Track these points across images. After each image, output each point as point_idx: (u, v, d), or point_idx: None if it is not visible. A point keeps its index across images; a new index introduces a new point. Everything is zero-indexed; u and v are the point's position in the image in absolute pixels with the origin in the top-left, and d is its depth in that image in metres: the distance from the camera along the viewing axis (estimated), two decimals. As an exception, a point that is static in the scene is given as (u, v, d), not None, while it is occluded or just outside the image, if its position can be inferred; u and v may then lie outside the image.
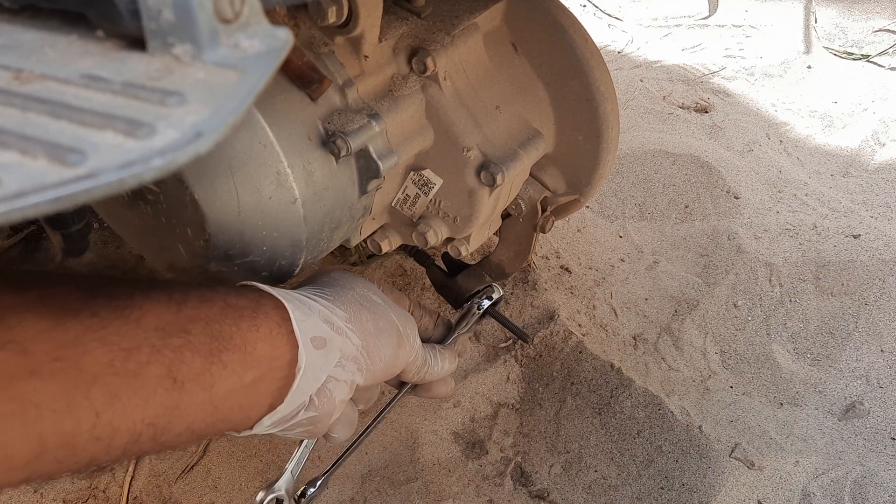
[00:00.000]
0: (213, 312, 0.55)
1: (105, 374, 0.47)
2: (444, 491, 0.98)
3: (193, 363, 0.52)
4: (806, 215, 1.37)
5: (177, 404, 0.51)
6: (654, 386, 1.08)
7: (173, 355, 0.51)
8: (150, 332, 0.51)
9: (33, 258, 1.29)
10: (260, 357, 0.56)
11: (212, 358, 0.53)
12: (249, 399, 0.56)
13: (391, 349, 0.67)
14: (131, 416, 0.49)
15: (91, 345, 0.48)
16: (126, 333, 0.49)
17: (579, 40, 0.77)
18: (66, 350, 0.46)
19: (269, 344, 0.56)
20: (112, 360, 0.48)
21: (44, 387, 0.45)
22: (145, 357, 0.49)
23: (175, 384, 0.51)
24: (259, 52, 0.35)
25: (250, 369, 0.55)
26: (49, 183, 0.27)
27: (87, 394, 0.46)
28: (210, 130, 0.30)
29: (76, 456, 0.47)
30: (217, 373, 0.53)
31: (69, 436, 0.46)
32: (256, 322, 0.56)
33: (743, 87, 1.78)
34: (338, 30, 0.66)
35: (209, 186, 0.61)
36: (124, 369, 0.48)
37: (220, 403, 0.54)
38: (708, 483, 0.96)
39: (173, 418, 0.51)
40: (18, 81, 0.33)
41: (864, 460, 1.00)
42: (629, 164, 1.45)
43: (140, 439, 0.50)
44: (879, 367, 1.12)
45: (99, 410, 0.47)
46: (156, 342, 0.50)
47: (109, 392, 0.47)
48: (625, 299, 1.23)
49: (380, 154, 0.69)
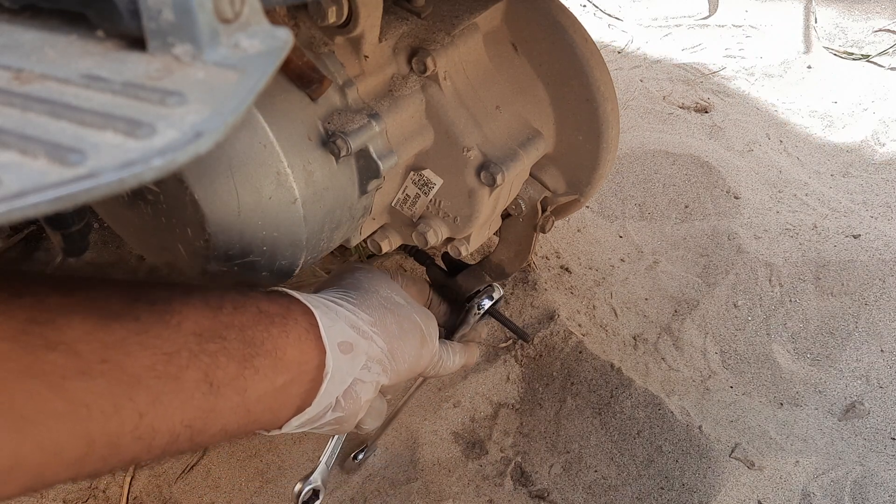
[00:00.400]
0: (246, 319, 0.57)
1: (148, 376, 0.49)
2: (444, 491, 0.98)
3: (228, 368, 0.54)
4: (806, 215, 1.37)
5: (213, 407, 0.53)
6: (654, 386, 1.08)
7: (210, 360, 0.53)
8: (188, 337, 0.52)
9: (33, 258, 1.29)
10: (290, 362, 0.58)
11: (245, 363, 0.55)
12: (279, 402, 0.58)
13: (415, 350, 0.69)
14: (171, 417, 0.50)
15: (134, 348, 0.49)
16: (167, 338, 0.51)
17: (579, 40, 0.77)
18: (112, 352, 0.48)
19: (298, 349, 0.59)
20: (154, 363, 0.49)
21: (93, 387, 0.46)
22: (185, 361, 0.51)
23: (212, 388, 0.53)
24: (259, 52, 0.35)
25: (281, 374, 0.57)
26: (49, 183, 0.27)
27: (132, 395, 0.48)
28: (210, 130, 0.30)
29: (120, 455, 0.49)
30: (250, 377, 0.55)
31: (114, 435, 0.48)
32: (286, 328, 0.58)
33: (743, 87, 1.78)
34: (338, 30, 0.66)
35: (209, 186, 0.61)
36: (166, 373, 0.50)
37: (252, 406, 0.56)
38: (708, 483, 0.96)
39: (209, 420, 0.53)
40: (18, 81, 0.33)
41: (864, 460, 1.00)
42: (629, 164, 1.45)
43: (178, 440, 0.52)
44: (879, 367, 1.12)
45: (142, 412, 0.49)
46: (194, 347, 0.52)
47: (152, 394, 0.49)
48: (625, 299, 1.23)
49: (380, 154, 0.69)
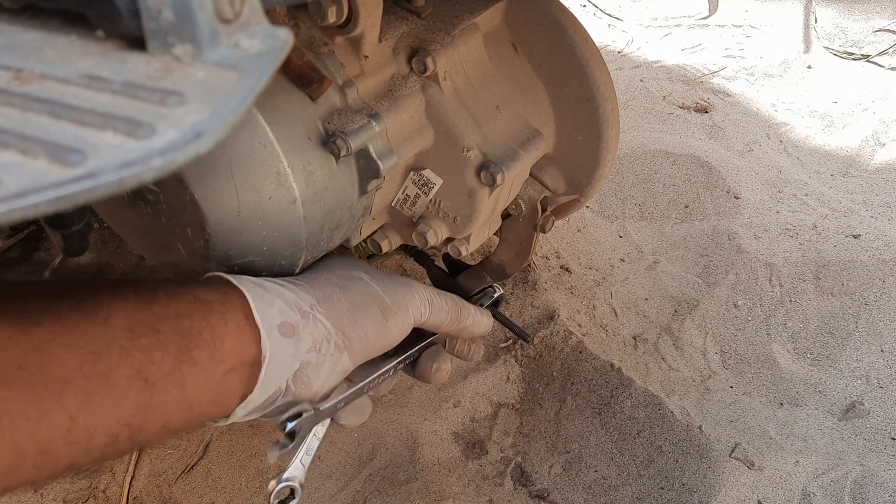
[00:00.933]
0: (181, 308, 0.55)
1: (75, 378, 0.47)
2: (444, 491, 0.98)
3: (164, 363, 0.52)
4: (806, 215, 1.37)
5: (149, 404, 0.51)
6: (654, 386, 1.08)
7: (143, 356, 0.51)
8: (118, 333, 0.50)
9: (33, 258, 1.29)
10: (229, 350, 0.56)
11: (182, 356, 0.53)
12: (222, 392, 0.56)
13: (375, 324, 0.65)
14: (106, 418, 0.49)
15: (57, 350, 0.47)
16: (94, 336, 0.49)
17: (579, 40, 0.77)
18: (32, 356, 0.46)
19: (236, 338, 0.56)
20: (81, 363, 0.48)
21: (13, 395, 0.44)
22: (115, 359, 0.49)
23: (146, 384, 0.51)
24: (259, 52, 0.35)
25: (220, 363, 0.55)
26: (49, 183, 0.27)
27: (59, 399, 0.46)
28: (210, 130, 0.30)
29: (55, 462, 0.47)
30: (188, 371, 0.53)
31: (45, 442, 0.46)
32: (225, 316, 0.56)
33: (743, 87, 1.78)
34: (338, 30, 0.66)
35: (209, 186, 0.61)
36: (94, 372, 0.48)
37: (193, 400, 0.54)
38: (708, 483, 0.96)
39: (148, 418, 0.51)
40: (18, 81, 0.33)
41: (864, 460, 1.00)
42: (629, 164, 1.45)
43: (117, 440, 0.50)
44: (879, 367, 1.12)
45: (73, 415, 0.47)
46: (124, 343, 0.50)
47: (81, 396, 0.47)
48: (625, 299, 1.23)
49: (380, 154, 0.69)
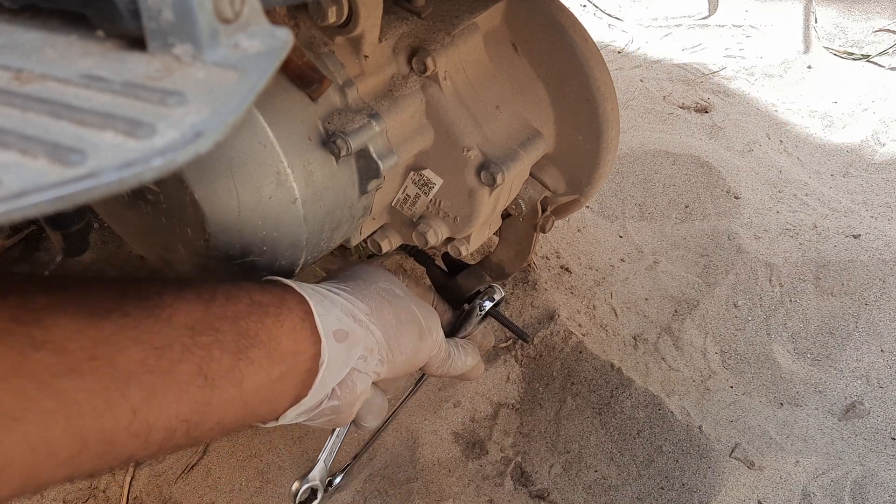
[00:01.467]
0: (239, 310, 0.56)
1: (140, 371, 0.48)
2: (444, 491, 0.98)
3: (223, 360, 0.53)
4: (806, 215, 1.37)
5: (208, 400, 0.52)
6: (654, 386, 1.08)
7: (203, 353, 0.52)
8: (180, 331, 0.52)
9: (33, 258, 1.29)
10: (285, 352, 0.57)
11: (239, 355, 0.54)
12: (276, 393, 0.58)
13: (413, 342, 0.68)
14: (166, 412, 0.50)
15: (125, 343, 0.48)
16: (158, 332, 0.51)
17: (579, 40, 0.77)
18: (102, 348, 0.47)
19: (293, 339, 0.58)
20: (146, 358, 0.49)
21: (83, 385, 0.46)
22: (178, 355, 0.51)
23: (206, 381, 0.52)
24: (259, 52, 0.35)
25: (276, 364, 0.56)
26: (49, 183, 0.27)
27: (125, 391, 0.48)
28: (210, 130, 0.30)
29: (115, 452, 0.48)
30: (245, 369, 0.54)
31: (108, 432, 0.47)
32: (281, 318, 0.58)
33: (743, 87, 1.78)
34: (338, 30, 0.66)
35: (209, 186, 0.61)
36: (158, 367, 0.49)
37: (249, 398, 0.55)
38: (708, 483, 0.96)
39: (205, 414, 0.53)
40: (18, 81, 0.33)
41: (865, 460, 1.00)
42: (629, 164, 1.45)
43: (175, 435, 0.51)
44: (879, 367, 1.12)
45: (136, 407, 0.48)
46: (186, 340, 0.52)
47: (145, 389, 0.49)
48: (625, 299, 1.23)
49: (380, 154, 0.69)
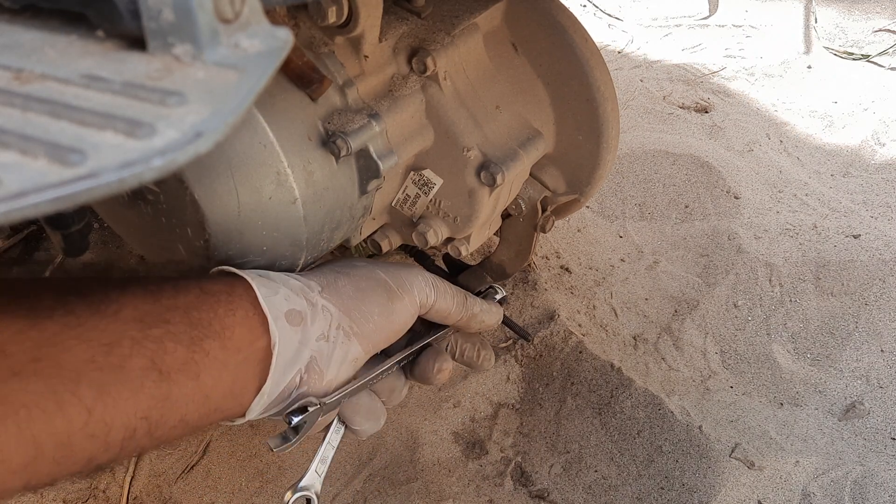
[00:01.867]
0: (189, 300, 0.54)
1: (88, 369, 0.47)
2: (444, 491, 0.98)
3: (176, 353, 0.51)
4: (806, 215, 1.37)
5: (167, 395, 0.51)
6: (654, 386, 1.08)
7: (155, 346, 0.50)
8: (129, 325, 0.50)
9: (33, 258, 1.29)
10: (239, 341, 0.55)
11: (193, 346, 0.53)
12: (237, 384, 0.56)
13: (380, 306, 0.65)
14: (123, 410, 0.48)
15: (70, 342, 0.47)
16: (104, 328, 0.49)
17: (579, 40, 0.77)
18: (45, 349, 0.46)
19: (246, 327, 0.56)
20: (93, 355, 0.47)
21: (28, 387, 0.44)
22: (127, 350, 0.49)
23: (161, 375, 0.50)
24: (259, 52, 0.35)
25: (232, 354, 0.55)
26: (49, 183, 0.27)
27: (75, 391, 0.46)
28: (210, 130, 0.30)
29: (73, 456, 0.47)
30: (201, 361, 0.53)
31: (63, 435, 0.45)
32: (232, 306, 0.56)
33: (743, 87, 1.78)
34: (338, 30, 0.66)
35: (209, 186, 0.61)
36: (107, 363, 0.48)
37: (209, 392, 0.54)
38: (708, 483, 0.96)
39: (166, 410, 0.51)
40: (18, 81, 0.33)
41: (865, 460, 1.00)
42: (629, 164, 1.45)
43: (136, 434, 0.50)
44: (879, 367, 1.12)
45: (90, 406, 0.46)
46: (135, 334, 0.50)
47: (97, 387, 0.47)
48: (625, 299, 1.23)
49: (380, 154, 0.69)
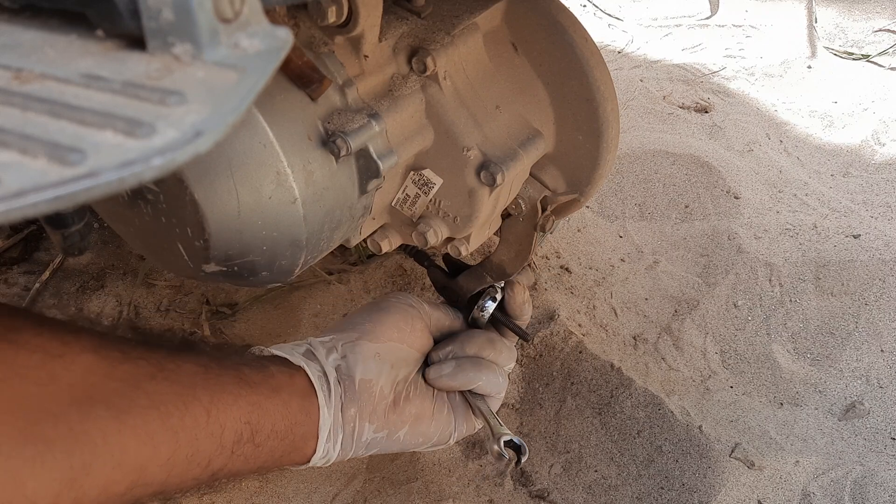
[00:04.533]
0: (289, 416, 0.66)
1: (199, 380, 0.57)
2: (444, 491, 0.98)
3: (253, 376, 0.63)
4: (806, 215, 1.37)
5: (259, 404, 0.61)
6: (654, 386, 1.08)
7: (235, 372, 0.62)
8: (209, 360, 0.62)
9: (33, 258, 1.29)
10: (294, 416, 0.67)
11: (265, 372, 0.65)
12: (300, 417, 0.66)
13: (410, 334, 0.77)
14: (230, 413, 0.58)
15: (178, 361, 0.57)
16: (194, 360, 0.60)
17: (579, 40, 0.77)
18: (166, 362, 0.56)
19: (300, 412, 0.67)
20: (196, 372, 0.58)
21: (163, 388, 0.53)
22: (216, 371, 0.60)
23: (250, 387, 0.61)
24: (259, 52, 0.35)
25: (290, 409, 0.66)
26: (49, 182, 0.27)
27: (195, 395, 0.55)
28: (210, 130, 0.30)
29: (199, 454, 0.55)
30: (273, 383, 0.65)
31: (191, 430, 0.54)
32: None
33: (743, 87, 1.78)
34: (338, 30, 0.66)
35: (209, 186, 0.61)
36: (210, 377, 0.58)
37: (286, 404, 0.64)
38: (708, 483, 0.96)
39: (260, 416, 0.61)
40: (18, 81, 0.33)
41: (865, 460, 1.00)
42: (629, 164, 1.45)
43: (242, 438, 0.59)
44: (879, 367, 1.12)
45: (207, 408, 0.56)
46: (215, 367, 0.61)
47: (209, 393, 0.56)
48: (625, 299, 1.23)
49: (380, 154, 0.69)
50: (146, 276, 1.23)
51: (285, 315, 1.18)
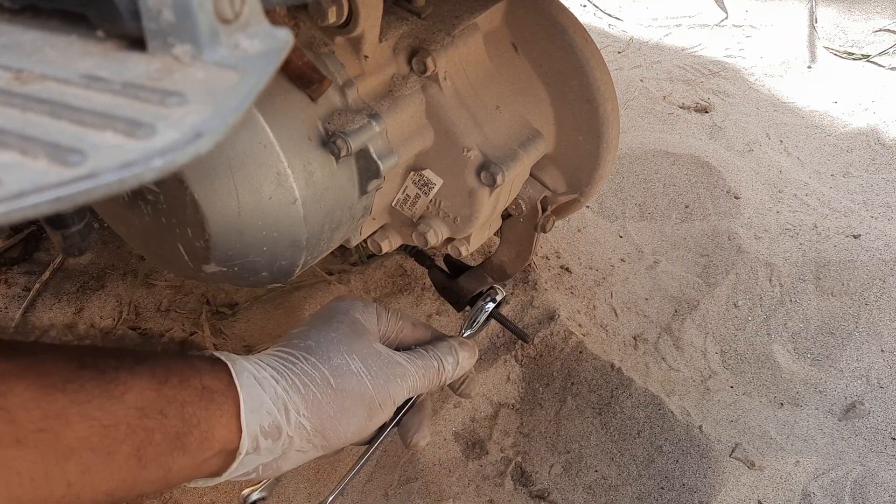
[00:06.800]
0: (188, 394, 0.58)
1: (82, 447, 0.51)
2: (444, 491, 0.98)
3: (160, 446, 0.56)
4: (806, 215, 1.37)
5: (136, 479, 0.55)
6: (655, 386, 1.08)
7: (145, 436, 0.54)
8: (130, 411, 0.54)
9: (33, 258, 1.29)
10: (216, 440, 0.59)
11: (177, 442, 0.57)
12: (196, 472, 0.60)
13: (355, 426, 0.67)
14: (96, 488, 0.52)
15: (74, 418, 0.50)
16: (108, 409, 0.52)
17: (579, 40, 0.77)
18: (51, 421, 0.49)
19: (227, 428, 0.60)
20: (90, 434, 0.51)
21: (26, 456, 0.48)
22: (121, 435, 0.53)
23: (140, 463, 0.54)
24: (259, 53, 0.35)
25: (206, 451, 0.59)
26: (49, 183, 0.27)
27: (64, 466, 0.50)
28: (210, 131, 0.30)
29: None
30: (177, 456, 0.57)
31: (41, 502, 0.49)
32: (223, 407, 0.60)
33: (743, 87, 1.78)
34: (338, 30, 0.66)
35: (209, 187, 0.61)
36: (100, 446, 0.51)
37: (171, 478, 0.58)
38: (708, 483, 0.96)
39: (129, 491, 0.55)
40: (19, 81, 0.33)
41: (865, 460, 1.00)
42: (629, 164, 1.45)
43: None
44: (879, 367, 1.12)
45: (71, 481, 0.50)
46: (133, 421, 0.54)
47: (83, 466, 0.51)
48: (625, 299, 1.23)
49: (380, 154, 0.69)
50: (146, 276, 1.23)
51: (285, 315, 1.18)
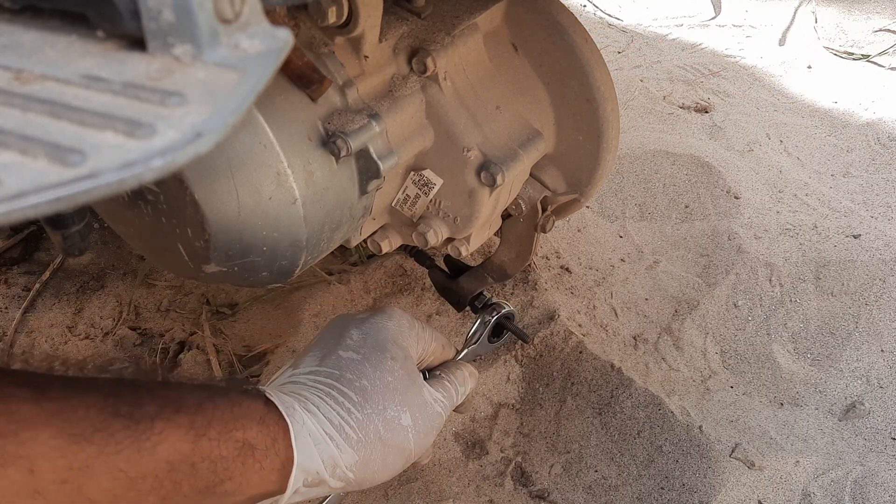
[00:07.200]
0: (226, 450, 0.55)
1: (104, 500, 0.48)
2: (444, 491, 0.98)
3: (188, 497, 0.53)
4: (806, 215, 1.37)
5: None
6: (655, 386, 1.08)
7: (172, 487, 0.52)
8: (160, 463, 0.51)
9: (33, 258, 1.29)
10: (251, 488, 0.57)
11: (206, 491, 0.54)
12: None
13: (391, 475, 0.66)
14: None
15: (99, 469, 0.48)
16: (137, 461, 0.50)
17: (579, 40, 0.77)
18: (74, 473, 0.47)
19: (266, 481, 0.57)
20: (114, 486, 0.49)
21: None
22: (147, 487, 0.50)
23: None
24: (259, 53, 0.35)
25: (237, 496, 0.56)
26: (49, 183, 0.27)
27: None
28: (210, 131, 0.30)
29: None
30: (204, 501, 0.54)
31: None
32: (264, 462, 0.57)
33: (743, 87, 1.78)
34: (338, 30, 0.66)
35: (209, 187, 0.61)
36: (124, 497, 0.49)
37: None
38: (708, 483, 0.96)
39: None
40: (18, 81, 0.33)
41: (865, 460, 1.00)
42: (629, 164, 1.45)
43: None
44: (880, 367, 1.12)
45: None
46: (161, 474, 0.51)
47: None
48: (625, 299, 1.23)
49: (380, 154, 0.69)
50: (146, 277, 1.23)
51: (285, 315, 1.18)
